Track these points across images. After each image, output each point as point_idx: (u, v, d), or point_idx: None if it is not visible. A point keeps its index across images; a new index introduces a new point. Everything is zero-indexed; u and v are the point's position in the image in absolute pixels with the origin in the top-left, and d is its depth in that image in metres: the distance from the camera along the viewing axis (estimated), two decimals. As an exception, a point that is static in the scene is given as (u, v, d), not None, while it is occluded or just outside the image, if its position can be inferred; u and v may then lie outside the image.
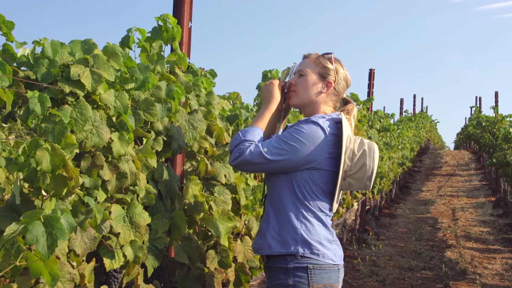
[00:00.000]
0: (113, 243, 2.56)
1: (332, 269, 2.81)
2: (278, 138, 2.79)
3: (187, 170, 3.56)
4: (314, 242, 2.77)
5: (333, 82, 2.97)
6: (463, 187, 18.45)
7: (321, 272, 2.77)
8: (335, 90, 2.98)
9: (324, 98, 2.98)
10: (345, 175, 2.85)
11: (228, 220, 3.40)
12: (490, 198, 16.05)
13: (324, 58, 3.02)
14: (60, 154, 2.13)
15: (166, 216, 2.97)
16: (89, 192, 2.50)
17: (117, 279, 2.63)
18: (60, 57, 2.41)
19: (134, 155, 2.71)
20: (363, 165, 2.85)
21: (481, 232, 11.58)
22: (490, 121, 19.17)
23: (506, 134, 12.31)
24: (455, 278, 8.08)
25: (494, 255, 9.66)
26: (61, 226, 1.85)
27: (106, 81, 2.54)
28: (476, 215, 13.68)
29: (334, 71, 2.99)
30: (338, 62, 3.03)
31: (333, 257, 2.81)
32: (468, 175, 21.38)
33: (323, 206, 2.84)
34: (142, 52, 3.05)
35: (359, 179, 2.87)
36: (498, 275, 8.38)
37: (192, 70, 3.60)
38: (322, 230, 2.83)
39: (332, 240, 2.86)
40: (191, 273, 3.14)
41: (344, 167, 2.83)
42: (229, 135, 3.85)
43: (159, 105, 2.88)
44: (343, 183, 2.87)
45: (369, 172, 2.86)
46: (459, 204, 15.26)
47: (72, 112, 2.34)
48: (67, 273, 2.19)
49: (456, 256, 9.37)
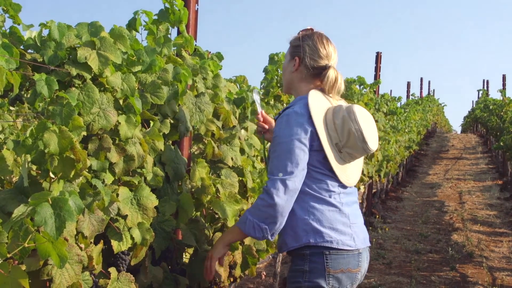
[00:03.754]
0: (121, 225, 2.57)
1: (351, 254, 2.76)
2: (273, 158, 2.76)
3: (194, 153, 3.56)
4: (326, 229, 2.72)
5: (299, 58, 2.91)
6: (470, 171, 18.43)
7: (338, 257, 2.73)
8: (306, 66, 2.90)
9: (299, 77, 2.94)
10: (339, 147, 2.78)
11: (235, 203, 3.40)
12: (497, 182, 16.03)
13: (294, 38, 2.98)
14: (68, 137, 2.13)
15: (173, 198, 2.98)
16: (97, 175, 2.50)
17: (125, 261, 2.64)
18: (67, 39, 2.40)
19: (141, 137, 2.71)
20: (349, 131, 2.76)
21: (488, 216, 11.58)
22: (497, 104, 19.10)
23: (514, 117, 12.27)
24: (462, 261, 8.09)
25: (501, 238, 9.66)
26: (69, 208, 1.86)
27: (113, 64, 2.54)
28: (483, 198, 13.67)
29: (301, 47, 2.92)
30: (309, 36, 2.95)
31: (349, 241, 2.74)
32: (475, 159, 21.34)
33: (331, 186, 2.79)
34: (148, 34, 3.04)
35: (354, 146, 2.78)
36: (504, 258, 8.39)
37: (199, 53, 3.59)
38: (335, 214, 2.76)
39: (350, 223, 2.79)
40: (199, 255, 3.15)
41: (333, 140, 2.77)
42: (236, 118, 3.84)
43: (166, 87, 2.88)
44: (342, 155, 2.80)
45: (358, 135, 2.76)
46: (466, 187, 15.25)
47: (79, 95, 2.34)
48: (75, 255, 2.20)
49: (463, 239, 9.38)
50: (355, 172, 2.89)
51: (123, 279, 2.56)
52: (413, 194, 14.25)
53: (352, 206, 2.87)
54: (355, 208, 2.90)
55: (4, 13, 2.40)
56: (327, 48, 2.92)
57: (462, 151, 23.72)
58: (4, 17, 2.39)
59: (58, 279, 2.14)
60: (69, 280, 2.18)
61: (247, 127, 4.04)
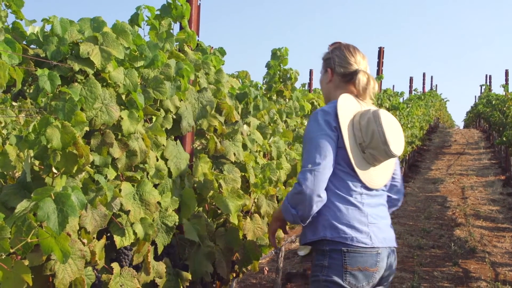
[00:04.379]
0: (123, 220, 2.57)
1: (368, 253, 2.83)
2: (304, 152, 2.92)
3: (196, 148, 3.56)
4: (342, 225, 2.82)
5: (331, 69, 3.11)
6: (473, 166, 18.41)
7: (356, 255, 2.81)
8: (338, 74, 3.10)
9: (334, 85, 3.12)
10: (363, 148, 2.90)
11: (238, 198, 3.41)
12: (499, 177, 16.00)
13: (325, 53, 3.20)
14: (70, 132, 2.13)
15: (176, 194, 2.98)
16: (99, 170, 2.50)
17: (127, 256, 2.65)
18: (70, 35, 2.40)
19: (143, 133, 2.71)
20: (373, 133, 2.87)
21: (490, 211, 11.57)
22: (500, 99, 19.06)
23: (517, 112, 12.25)
24: (464, 256, 8.08)
25: (503, 234, 9.65)
26: (72, 203, 1.86)
27: (116, 59, 2.54)
28: (485, 193, 13.66)
29: (331, 59, 3.12)
30: (336, 48, 3.15)
31: (365, 239, 2.82)
32: (477, 154, 21.32)
33: (353, 186, 2.89)
34: (151, 30, 3.04)
35: (376, 148, 2.89)
36: (507, 253, 8.38)
37: (201, 48, 3.59)
38: (353, 212, 2.86)
39: (368, 222, 2.87)
40: (201, 250, 3.15)
41: (357, 139, 2.90)
42: (238, 113, 3.84)
43: (169, 83, 2.88)
44: (366, 156, 2.91)
45: (381, 136, 2.86)
46: (469, 182, 15.23)
47: (81, 90, 2.34)
48: (78, 250, 2.20)
49: (465, 235, 9.38)
50: (380, 176, 2.99)
51: (126, 274, 2.57)
52: (416, 189, 14.24)
53: (376, 207, 2.96)
54: (380, 210, 2.99)
55: (7, 9, 2.40)
56: (354, 55, 3.10)
57: (464, 146, 23.70)
58: (6, 13, 2.39)
59: (61, 274, 2.15)
60: (72, 275, 2.18)
61: (249, 122, 4.04)
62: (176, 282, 3.01)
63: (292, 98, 5.39)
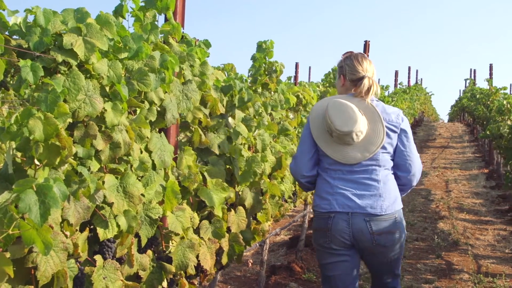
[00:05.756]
0: (107, 212, 2.56)
1: (326, 216, 3.56)
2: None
3: (181, 140, 3.55)
4: (316, 196, 3.68)
5: (343, 75, 3.77)
6: (457, 159, 18.51)
7: (317, 218, 3.63)
8: (349, 79, 3.74)
9: (345, 88, 3.78)
10: (330, 132, 3.56)
11: (222, 191, 3.41)
12: (483, 170, 16.11)
13: (339, 61, 3.85)
14: (53, 123, 2.12)
15: (159, 186, 2.97)
16: (83, 162, 2.49)
17: (110, 249, 2.64)
18: (53, 25, 2.38)
19: (127, 125, 2.70)
20: (325, 119, 3.56)
21: (473, 204, 11.64)
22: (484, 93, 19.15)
23: (500, 106, 12.31)
24: (448, 249, 8.14)
25: (486, 227, 9.72)
26: (54, 194, 1.85)
27: (99, 50, 2.52)
28: (469, 187, 13.74)
29: (343, 67, 3.77)
30: (348, 57, 3.78)
31: (326, 206, 3.56)
32: (461, 147, 21.44)
33: (327, 164, 3.62)
34: (135, 21, 3.02)
35: (333, 129, 3.51)
36: (490, 246, 8.45)
37: (186, 40, 3.58)
38: (323, 185, 3.63)
39: (333, 192, 3.57)
40: (185, 243, 3.15)
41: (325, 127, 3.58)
42: (223, 105, 3.84)
43: (153, 75, 2.86)
44: (334, 139, 3.55)
45: (330, 124, 3.52)
46: (452, 176, 15.32)
47: (65, 81, 2.33)
48: (61, 242, 2.19)
49: (449, 228, 9.43)
50: (356, 153, 3.56)
51: (109, 267, 2.56)
52: (400, 182, 14.27)
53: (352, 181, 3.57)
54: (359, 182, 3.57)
55: (-11, -1, 2.37)
56: (362, 64, 3.72)
57: (449, 140, 23.81)
58: (-12, 3, 2.37)
59: (43, 266, 2.14)
60: (54, 267, 2.17)
61: (234, 115, 4.04)
62: (160, 274, 3.00)
63: (278, 91, 5.38)
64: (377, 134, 3.56)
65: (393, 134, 3.63)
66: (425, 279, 6.71)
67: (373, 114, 3.59)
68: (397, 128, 3.64)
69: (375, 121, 3.58)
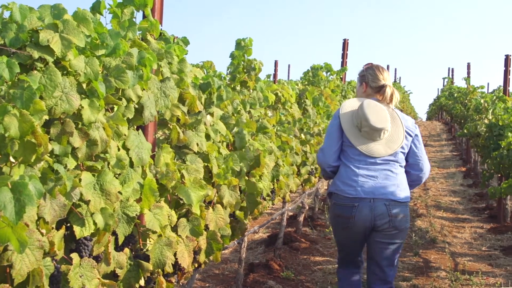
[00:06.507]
0: (83, 210, 2.54)
1: (350, 202, 4.18)
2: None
3: (159, 138, 3.54)
4: (337, 181, 4.30)
5: (366, 83, 4.43)
6: (435, 158, 18.65)
7: (339, 202, 4.27)
8: (371, 87, 4.41)
9: (366, 95, 4.43)
10: (359, 128, 4.21)
11: (200, 188, 3.40)
12: (460, 168, 16.26)
13: (360, 71, 4.55)
14: (29, 120, 2.10)
15: (137, 184, 2.96)
16: (59, 159, 2.47)
17: (87, 247, 2.62)
18: (29, 22, 2.37)
19: (104, 122, 2.68)
20: (359, 116, 4.18)
21: (451, 202, 11.75)
22: (462, 92, 19.32)
23: (477, 105, 12.42)
24: (425, 246, 8.20)
25: (463, 224, 9.81)
26: (29, 192, 1.83)
27: (76, 47, 2.51)
28: (446, 185, 13.86)
29: (365, 76, 4.44)
30: (369, 68, 4.45)
31: (351, 191, 4.17)
32: (439, 146, 21.61)
33: (352, 154, 4.24)
34: (113, 18, 3.01)
35: (365, 125, 4.15)
36: (466, 243, 8.53)
37: (164, 37, 3.56)
38: (348, 172, 4.23)
39: (358, 179, 4.17)
40: (162, 241, 3.14)
41: (354, 123, 4.23)
42: (201, 103, 3.82)
43: (131, 72, 2.85)
44: (363, 134, 4.21)
45: (363, 116, 4.15)
46: (430, 174, 15.42)
47: (41, 78, 2.31)
48: (36, 240, 2.17)
49: (426, 225, 9.50)
50: (381, 148, 4.21)
51: (86, 265, 2.54)
52: (378, 180, 14.35)
53: (376, 171, 4.21)
54: (381, 173, 4.21)
55: (-36, -6, 2.35)
56: (382, 74, 4.40)
57: (427, 138, 23.97)
58: (-37, -2, 2.34)
59: (19, 264, 2.12)
60: (29, 266, 2.15)
61: (212, 112, 4.03)
62: (137, 272, 2.99)
63: (256, 89, 5.38)
64: (398, 135, 4.27)
65: (409, 137, 4.35)
66: (402, 276, 6.75)
67: (396, 119, 4.31)
68: (412, 133, 4.37)
69: (397, 125, 4.29)
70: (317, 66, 9.23)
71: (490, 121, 10.40)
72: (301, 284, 6.43)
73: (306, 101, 7.60)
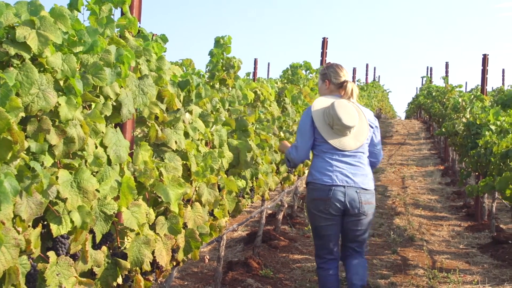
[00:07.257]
0: (60, 208, 2.53)
1: (326, 188, 4.64)
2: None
3: (137, 136, 3.52)
4: (314, 171, 4.76)
5: (328, 80, 4.94)
6: (413, 156, 18.76)
7: (316, 190, 4.74)
8: (333, 83, 4.93)
9: (329, 90, 4.96)
10: (331, 125, 4.69)
11: (179, 186, 3.40)
12: (438, 167, 16.37)
13: (322, 69, 5.10)
14: (5, 118, 2.08)
15: (115, 182, 2.94)
16: (36, 157, 2.45)
17: (64, 245, 2.60)
18: (5, 18, 2.34)
19: (82, 119, 2.67)
20: (331, 115, 4.66)
21: (429, 200, 11.83)
22: (440, 91, 19.42)
23: (455, 104, 12.50)
24: (403, 244, 8.25)
25: (441, 222, 9.89)
26: (5, 189, 1.82)
27: (53, 44, 2.49)
28: (425, 183, 13.95)
29: (327, 73, 4.96)
30: (330, 66, 4.99)
31: (327, 180, 4.64)
32: (418, 144, 21.74)
33: (325, 149, 4.72)
34: (91, 15, 2.99)
35: (337, 123, 4.64)
36: (444, 241, 8.59)
37: (143, 34, 3.55)
38: (323, 164, 4.71)
39: (333, 170, 4.67)
40: (140, 239, 3.13)
41: (326, 121, 4.69)
42: (180, 101, 3.81)
43: (109, 69, 2.83)
44: (335, 131, 4.70)
45: (335, 115, 4.63)
46: (409, 172, 15.53)
47: (17, 75, 2.29)
48: (12, 239, 2.15)
49: (405, 223, 9.56)
50: (351, 142, 4.73)
51: (63, 263, 2.53)
52: (357, 178, 14.40)
53: (346, 163, 4.70)
54: (352, 165, 4.73)
55: None
56: (342, 71, 4.95)
57: (405, 136, 24.12)
58: None
59: (-6, 263, 2.10)
60: (5, 264, 2.13)
61: (191, 110, 4.02)
62: (115, 270, 2.98)
63: (235, 87, 5.38)
64: (363, 128, 4.81)
65: (371, 129, 4.91)
66: (380, 274, 6.79)
67: (360, 113, 4.82)
68: (373, 125, 4.95)
69: (362, 119, 4.81)
70: (296, 65, 9.25)
71: (467, 120, 10.46)
72: (279, 282, 6.44)
73: (285, 99, 7.61)
